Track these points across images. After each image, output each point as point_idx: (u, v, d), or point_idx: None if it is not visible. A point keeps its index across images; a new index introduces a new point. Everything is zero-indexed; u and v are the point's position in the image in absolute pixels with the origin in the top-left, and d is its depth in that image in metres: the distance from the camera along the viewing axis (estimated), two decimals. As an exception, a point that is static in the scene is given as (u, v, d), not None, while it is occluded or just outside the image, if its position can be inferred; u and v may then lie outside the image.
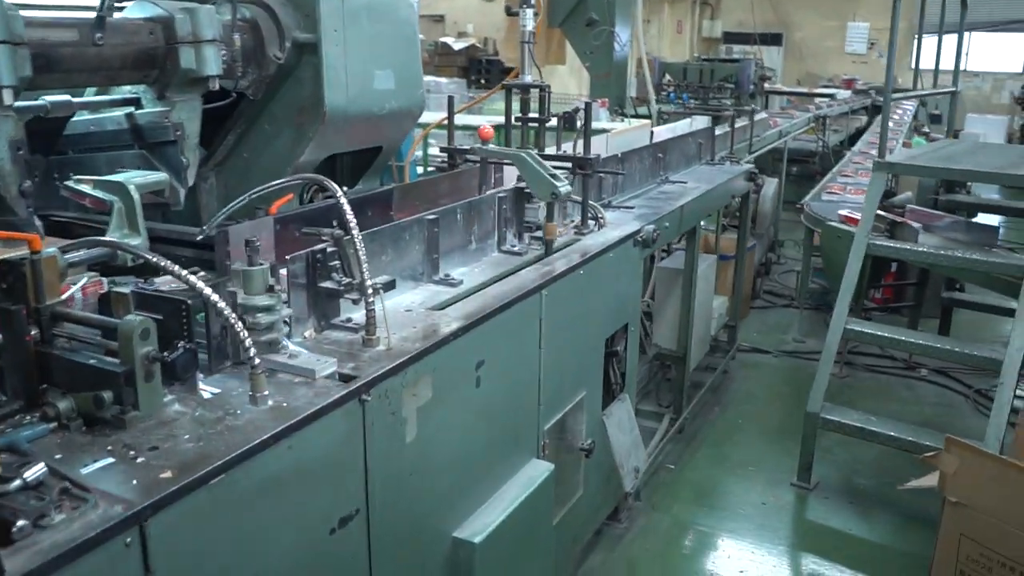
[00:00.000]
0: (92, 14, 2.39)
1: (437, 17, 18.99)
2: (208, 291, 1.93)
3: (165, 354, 1.88)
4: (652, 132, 6.04)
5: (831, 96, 14.46)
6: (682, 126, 6.66)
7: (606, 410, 3.73)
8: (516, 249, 3.32)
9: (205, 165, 3.12)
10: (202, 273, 2.46)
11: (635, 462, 3.90)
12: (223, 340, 2.15)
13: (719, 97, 11.41)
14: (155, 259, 1.96)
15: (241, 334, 1.93)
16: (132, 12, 2.59)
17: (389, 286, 2.42)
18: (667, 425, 5.02)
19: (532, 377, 2.99)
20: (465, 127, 10.06)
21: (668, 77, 11.70)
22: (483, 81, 12.13)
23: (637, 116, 9.05)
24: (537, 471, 3.00)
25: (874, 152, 9.48)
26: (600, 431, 3.63)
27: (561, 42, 9.87)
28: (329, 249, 2.44)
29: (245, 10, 2.91)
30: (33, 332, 1.92)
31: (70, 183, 2.34)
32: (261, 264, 2.16)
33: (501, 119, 4.03)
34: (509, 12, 3.63)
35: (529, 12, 3.52)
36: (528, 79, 3.69)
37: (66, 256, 2.09)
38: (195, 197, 3.18)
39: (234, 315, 1.94)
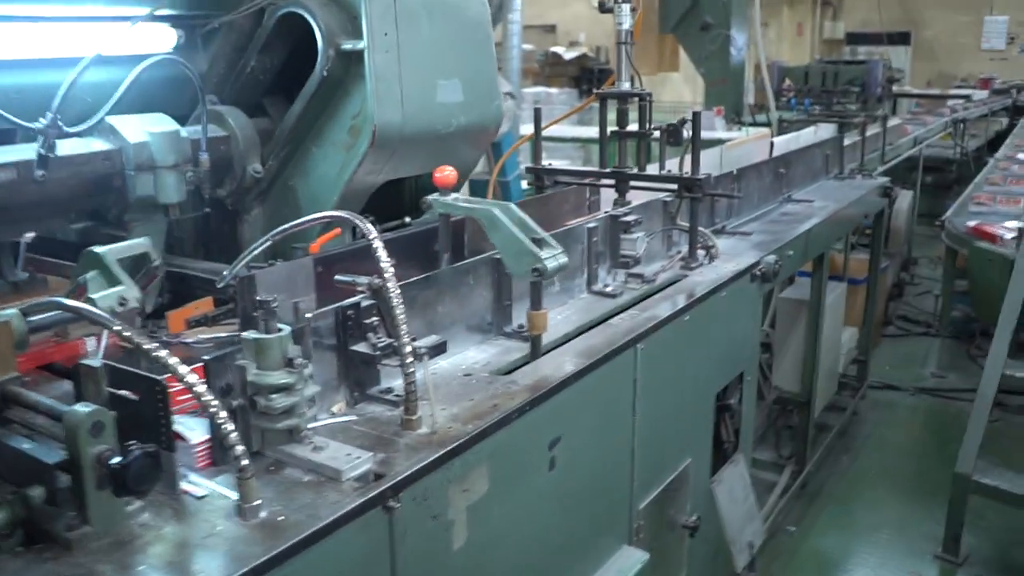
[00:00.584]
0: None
1: (548, 27, 18.60)
2: (184, 371, 1.48)
3: (119, 460, 1.43)
4: (772, 143, 5.40)
5: (966, 97, 13.35)
6: (806, 136, 5.99)
7: (715, 476, 3.16)
8: (609, 290, 2.79)
9: (248, 194, 2.71)
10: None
11: (749, 536, 3.31)
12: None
13: (844, 102, 10.57)
14: (120, 328, 1.52)
15: (224, 428, 1.47)
16: (81, 144, 2.25)
17: (438, 350, 1.93)
18: (787, 479, 4.39)
19: (623, 449, 2.46)
20: (574, 140, 9.59)
21: (788, 82, 10.93)
22: (594, 91, 11.63)
23: (755, 124, 8.40)
24: (629, 561, 2.47)
25: (1022, 157, 8.55)
26: (708, 502, 3.06)
27: (675, 48, 9.34)
28: (365, 303, 1.97)
29: (227, 117, 2.59)
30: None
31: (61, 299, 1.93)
32: (278, 330, 1.70)
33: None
34: (603, 8, 3.08)
35: (626, 8, 3.00)
36: (626, 86, 3.17)
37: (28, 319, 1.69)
38: (238, 231, 2.78)
39: (216, 404, 1.48)
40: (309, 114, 2.55)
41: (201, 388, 1.48)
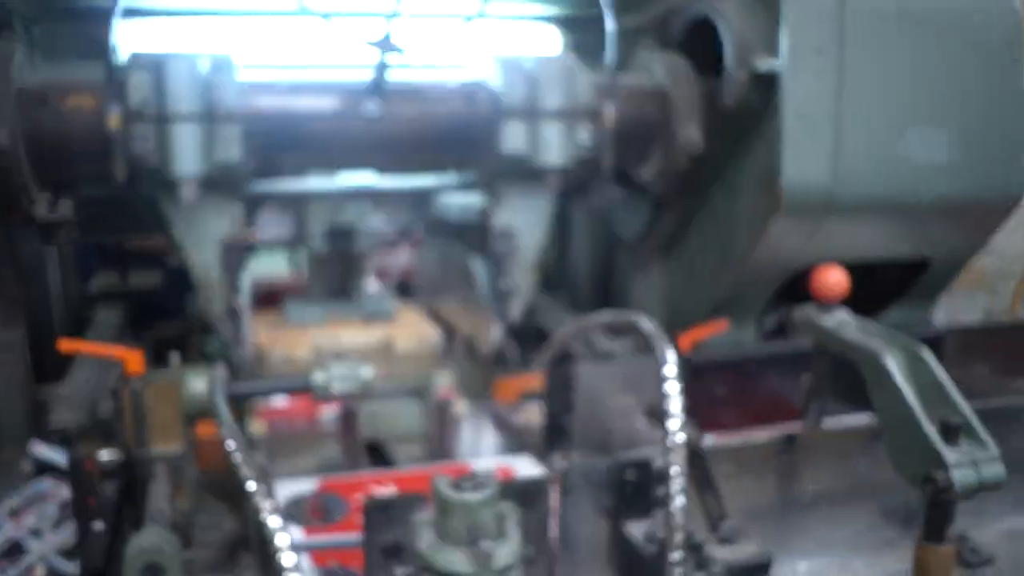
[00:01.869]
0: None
1: None
2: (282, 542, 0.98)
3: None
4: None
5: None
6: None
7: None
8: None
9: (641, 246, 2.13)
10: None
11: None
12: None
13: None
14: (235, 453, 1.08)
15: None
16: (432, 73, 1.79)
17: (751, 572, 1.17)
18: None
19: None
20: None
21: None
22: None
23: None
24: None
25: None
26: None
27: None
28: (662, 462, 1.29)
29: (654, 64, 1.86)
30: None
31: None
32: (479, 490, 1.10)
33: None
34: None
35: None
36: None
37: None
38: (631, 291, 2.23)
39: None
40: (714, 156, 1.87)
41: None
